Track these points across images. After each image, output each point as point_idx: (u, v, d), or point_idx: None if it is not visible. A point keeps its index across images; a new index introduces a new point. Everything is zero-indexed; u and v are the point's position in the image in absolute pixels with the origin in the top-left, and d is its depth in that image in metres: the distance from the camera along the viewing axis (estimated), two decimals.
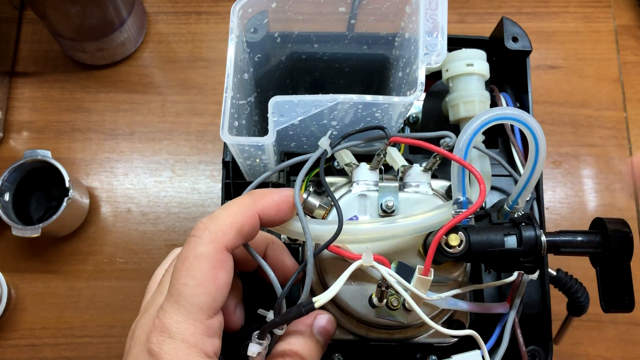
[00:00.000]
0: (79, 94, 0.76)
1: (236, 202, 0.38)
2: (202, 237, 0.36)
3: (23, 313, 0.69)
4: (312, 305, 0.36)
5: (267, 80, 0.56)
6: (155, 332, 0.35)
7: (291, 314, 0.37)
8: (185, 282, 0.35)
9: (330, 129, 0.48)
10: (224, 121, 0.42)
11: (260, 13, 0.48)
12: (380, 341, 0.46)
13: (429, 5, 0.44)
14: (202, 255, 0.36)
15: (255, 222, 0.38)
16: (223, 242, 0.36)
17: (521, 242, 0.38)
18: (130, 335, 0.38)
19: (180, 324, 0.35)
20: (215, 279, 0.36)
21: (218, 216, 0.37)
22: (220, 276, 0.36)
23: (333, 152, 0.43)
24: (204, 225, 0.37)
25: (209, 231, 0.36)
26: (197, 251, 0.36)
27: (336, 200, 0.41)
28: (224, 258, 0.36)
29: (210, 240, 0.36)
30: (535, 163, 0.41)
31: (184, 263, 0.36)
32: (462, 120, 0.52)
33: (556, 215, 0.72)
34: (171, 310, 0.35)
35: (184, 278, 0.35)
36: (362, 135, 0.44)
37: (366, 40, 0.54)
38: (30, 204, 0.71)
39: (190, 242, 0.36)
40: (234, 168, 0.52)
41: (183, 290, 0.35)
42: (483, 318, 0.49)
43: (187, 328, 0.35)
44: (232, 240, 0.37)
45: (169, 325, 0.35)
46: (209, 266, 0.35)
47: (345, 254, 0.40)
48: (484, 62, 0.53)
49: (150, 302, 0.40)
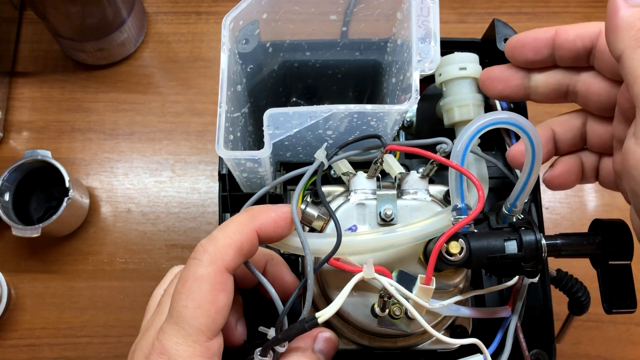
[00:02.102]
0: (79, 94, 0.76)
1: (234, 221, 0.38)
2: (202, 259, 0.36)
3: (23, 313, 0.69)
4: (315, 320, 0.36)
5: (260, 89, 0.56)
6: (154, 354, 0.35)
7: (294, 330, 0.37)
8: (185, 305, 0.35)
9: (326, 138, 0.48)
10: (219, 136, 0.42)
11: (251, 24, 0.48)
12: (384, 350, 0.46)
13: (421, 12, 0.44)
14: (202, 278, 0.36)
15: (254, 240, 0.38)
16: (222, 264, 0.36)
17: (521, 246, 0.38)
18: (130, 356, 0.38)
19: (180, 345, 0.35)
20: (215, 301, 0.36)
21: (216, 237, 0.37)
22: (220, 298, 0.36)
23: (330, 164, 0.44)
24: (203, 248, 0.37)
25: (208, 253, 0.36)
26: (197, 273, 0.36)
27: (334, 213, 0.41)
28: (224, 280, 0.36)
29: (210, 262, 0.36)
30: (532, 166, 0.41)
31: (184, 285, 0.36)
32: (457, 124, 0.52)
33: (556, 216, 0.72)
34: (171, 332, 0.35)
35: (184, 300, 0.35)
36: (358, 144, 0.44)
37: (358, 47, 0.54)
38: (30, 204, 0.71)
39: (190, 264, 0.37)
40: (230, 180, 0.52)
41: (183, 312, 0.35)
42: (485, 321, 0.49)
43: (186, 350, 0.35)
44: (232, 261, 0.37)
45: (168, 347, 0.35)
46: (209, 288, 0.35)
47: (346, 267, 0.40)
48: (477, 65, 0.53)
49: (149, 322, 0.40)
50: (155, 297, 0.45)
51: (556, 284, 0.51)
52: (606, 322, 0.68)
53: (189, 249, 0.38)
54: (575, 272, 0.51)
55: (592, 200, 0.72)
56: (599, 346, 0.68)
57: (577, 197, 0.72)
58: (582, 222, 0.71)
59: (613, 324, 0.68)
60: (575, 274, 0.51)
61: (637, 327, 0.68)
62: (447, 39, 0.53)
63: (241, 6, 0.46)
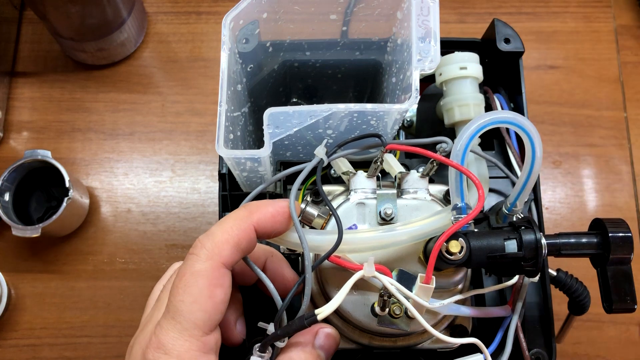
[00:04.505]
0: (79, 94, 0.76)
1: (231, 217, 0.38)
2: (199, 254, 0.36)
3: (23, 313, 0.69)
4: (314, 317, 0.36)
5: (260, 89, 0.56)
6: (151, 348, 0.35)
7: (293, 327, 0.37)
8: (182, 299, 0.35)
9: (326, 137, 0.48)
10: (219, 135, 0.42)
11: (251, 23, 0.48)
12: (384, 349, 0.46)
13: (421, 11, 0.44)
14: (199, 273, 0.36)
15: (252, 235, 0.38)
16: (220, 259, 0.36)
17: (521, 246, 0.38)
18: (128, 350, 0.39)
19: (176, 340, 0.35)
20: (212, 296, 0.36)
21: (214, 233, 0.37)
22: (217, 293, 0.36)
23: (329, 161, 0.43)
24: (200, 243, 0.37)
25: (205, 248, 0.36)
26: (194, 268, 0.36)
27: (335, 209, 0.41)
28: (221, 275, 0.36)
29: (207, 257, 0.36)
30: (532, 165, 0.41)
31: (182, 280, 0.36)
32: (457, 124, 0.52)
33: (556, 215, 0.72)
34: (167, 326, 0.35)
35: (181, 295, 0.35)
36: (358, 143, 0.44)
37: (358, 46, 0.54)
38: (30, 204, 0.71)
39: (187, 259, 0.37)
40: (230, 179, 0.52)
41: (180, 307, 0.35)
42: (485, 321, 0.49)
43: (182, 345, 0.35)
44: (230, 256, 0.37)
45: (165, 341, 0.35)
46: (206, 283, 0.36)
47: (346, 264, 0.40)
48: (477, 65, 0.53)
49: (148, 317, 0.40)
50: (154, 293, 0.45)
51: (556, 284, 0.51)
52: (606, 322, 0.68)
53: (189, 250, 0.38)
54: (575, 272, 0.51)
55: (592, 200, 0.72)
56: (599, 346, 0.68)
57: (577, 197, 0.72)
58: (582, 222, 0.71)
59: (613, 324, 0.68)
60: (575, 274, 0.51)
61: (637, 327, 0.68)
62: (447, 38, 0.54)
63: (241, 6, 0.46)
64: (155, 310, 0.40)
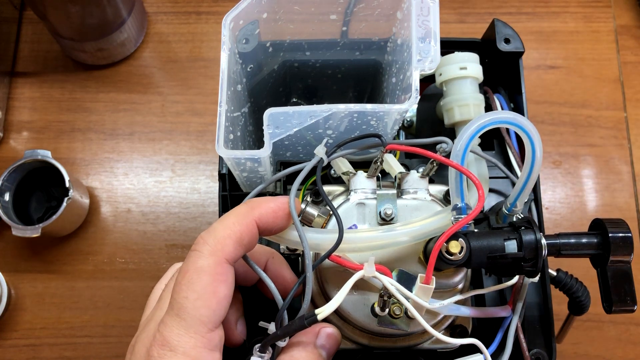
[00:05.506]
0: (79, 94, 0.76)
1: (233, 213, 0.38)
2: (202, 250, 0.36)
3: (23, 313, 0.69)
4: (314, 317, 0.36)
5: (260, 89, 0.56)
6: (156, 346, 0.35)
7: (293, 327, 0.37)
8: (186, 296, 0.35)
9: (326, 137, 0.48)
10: (219, 135, 0.42)
11: (251, 23, 0.48)
12: (384, 349, 0.46)
13: (421, 12, 0.44)
14: (202, 269, 0.36)
15: (254, 231, 0.38)
16: (223, 255, 0.36)
17: (521, 246, 0.38)
18: (130, 350, 0.38)
19: (182, 337, 0.35)
20: (216, 292, 0.36)
21: (216, 229, 0.37)
22: (221, 289, 0.36)
23: (329, 160, 0.43)
24: (203, 240, 0.37)
25: (208, 244, 0.36)
26: (197, 264, 0.36)
27: (335, 208, 0.41)
28: (224, 271, 0.36)
29: (210, 253, 0.36)
30: (532, 165, 0.41)
31: (185, 276, 0.36)
32: (457, 124, 0.52)
33: (556, 215, 0.72)
34: (172, 323, 0.35)
35: (185, 291, 0.35)
36: (358, 143, 0.44)
37: (358, 46, 0.54)
38: (30, 204, 0.71)
39: (190, 256, 0.37)
40: (230, 180, 0.52)
41: (184, 303, 0.35)
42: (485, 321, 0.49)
43: (187, 341, 0.35)
44: (232, 252, 0.37)
45: (170, 338, 0.35)
46: (210, 279, 0.35)
47: (347, 264, 0.40)
48: (477, 65, 0.53)
49: (150, 316, 0.40)
50: (155, 293, 0.45)
51: (556, 284, 0.51)
52: (606, 322, 0.68)
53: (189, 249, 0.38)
54: (575, 272, 0.51)
55: (592, 200, 0.72)
56: (599, 346, 0.68)
57: (577, 197, 0.72)
58: (582, 222, 0.71)
59: (613, 324, 0.68)
60: (575, 274, 0.51)
61: (637, 327, 0.68)
62: (447, 38, 0.54)
63: (241, 6, 0.46)
64: (157, 309, 0.40)
